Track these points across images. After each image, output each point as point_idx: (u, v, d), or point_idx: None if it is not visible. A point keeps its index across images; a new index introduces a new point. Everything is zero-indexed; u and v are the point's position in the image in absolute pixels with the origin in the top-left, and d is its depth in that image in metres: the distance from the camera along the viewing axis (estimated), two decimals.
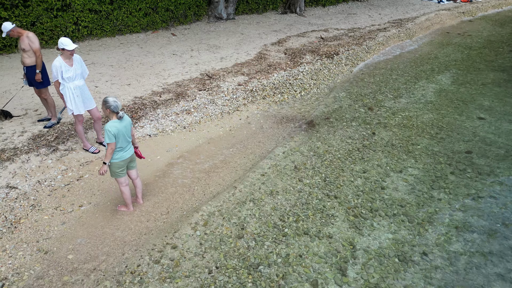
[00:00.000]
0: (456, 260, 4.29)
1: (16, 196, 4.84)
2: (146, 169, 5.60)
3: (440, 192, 5.43)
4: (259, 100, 8.11)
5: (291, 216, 4.88)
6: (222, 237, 4.49)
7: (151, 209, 4.85)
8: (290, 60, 10.56)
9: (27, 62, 5.92)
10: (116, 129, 4.12)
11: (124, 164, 4.40)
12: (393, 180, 5.66)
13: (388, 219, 4.88)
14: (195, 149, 6.22)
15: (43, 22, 10.00)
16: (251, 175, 5.68)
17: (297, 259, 4.22)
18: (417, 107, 8.23)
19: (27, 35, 5.77)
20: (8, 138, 5.98)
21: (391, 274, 4.08)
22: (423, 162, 6.11)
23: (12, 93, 7.49)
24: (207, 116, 7.25)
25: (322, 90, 9.05)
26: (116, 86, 8.18)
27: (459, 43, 13.75)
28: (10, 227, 4.40)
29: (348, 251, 4.36)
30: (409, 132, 7.09)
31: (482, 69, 10.90)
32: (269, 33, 13.51)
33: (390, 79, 9.99)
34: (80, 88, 5.40)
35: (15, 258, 4.03)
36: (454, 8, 19.86)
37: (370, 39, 13.05)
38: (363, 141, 6.76)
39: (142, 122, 6.75)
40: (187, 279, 3.92)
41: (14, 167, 5.31)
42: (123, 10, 11.68)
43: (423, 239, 4.57)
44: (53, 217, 4.61)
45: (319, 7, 18.73)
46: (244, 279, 3.95)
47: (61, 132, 6.24)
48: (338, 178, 5.67)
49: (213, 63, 10.00)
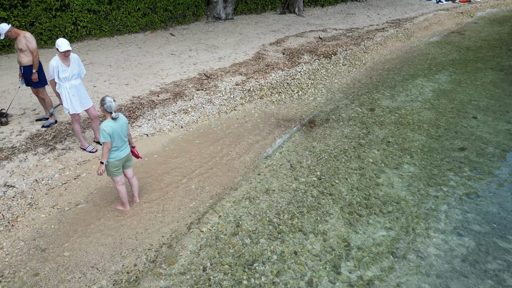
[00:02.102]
0: (451, 258, 4.32)
1: (13, 195, 4.87)
2: (142, 168, 5.64)
3: (436, 190, 5.46)
4: (257, 100, 8.14)
5: (286, 213, 4.91)
6: (218, 235, 4.52)
7: (147, 208, 4.88)
8: (288, 60, 10.60)
9: (24, 62, 5.96)
10: (111, 128, 4.15)
11: (119, 164, 4.43)
12: (389, 177, 5.69)
13: (383, 216, 4.91)
14: (192, 148, 6.25)
15: (41, 22, 10.04)
16: (247, 174, 5.71)
17: (292, 256, 4.25)
18: (414, 105, 8.26)
19: (24, 35, 5.81)
20: (6, 137, 6.01)
21: (385, 272, 4.11)
22: (420, 160, 6.15)
23: (10, 92, 7.52)
24: (205, 115, 7.28)
25: (320, 90, 9.08)
26: (114, 86, 8.21)
27: (457, 43, 13.78)
28: (8, 225, 4.43)
29: (343, 248, 4.39)
30: (405, 129, 7.12)
31: (480, 68, 10.93)
32: (267, 33, 13.55)
33: (387, 78, 10.02)
34: (76, 88, 5.43)
35: (12, 256, 4.06)
36: (453, 8, 19.90)
37: (368, 39, 13.08)
38: (359, 140, 6.79)
39: (139, 122, 6.79)
40: (183, 276, 3.95)
41: (11, 166, 5.34)
42: (121, 10, 11.72)
43: (418, 237, 4.60)
44: (50, 215, 4.64)
45: (318, 7, 18.76)
46: (239, 276, 3.99)
47: (58, 131, 6.28)
48: (333, 176, 5.70)
49: (211, 63, 10.03)
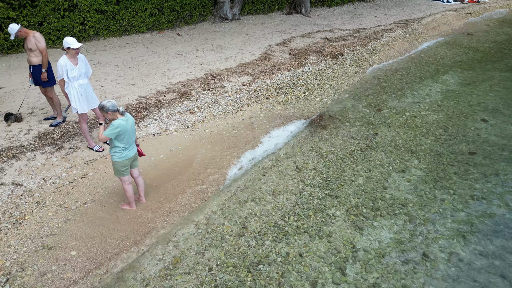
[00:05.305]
0: (457, 261, 4.28)
1: (21, 193, 4.92)
2: (148, 167, 5.66)
3: (443, 193, 5.41)
4: (263, 100, 8.13)
5: (291, 215, 4.90)
6: (223, 236, 4.52)
7: (153, 207, 4.90)
8: (294, 60, 10.58)
9: (34, 61, 6.02)
10: (123, 127, 4.16)
11: (128, 163, 4.45)
12: (395, 180, 5.65)
13: (390, 219, 4.88)
14: (198, 148, 6.27)
15: (50, 22, 10.13)
16: (253, 175, 5.71)
17: (297, 258, 4.24)
18: (422, 107, 8.20)
19: (34, 35, 5.87)
20: (15, 136, 6.08)
21: (391, 274, 4.08)
22: (427, 163, 6.09)
23: (19, 92, 7.60)
24: (211, 115, 7.29)
25: (326, 90, 9.05)
26: (121, 85, 8.26)
27: (465, 44, 13.65)
28: (15, 223, 4.48)
29: (348, 250, 4.37)
30: (413, 132, 7.07)
31: (488, 69, 10.82)
32: (274, 33, 13.53)
33: (394, 79, 9.96)
34: (84, 87, 5.48)
35: (20, 254, 4.10)
36: (461, 8, 19.71)
37: (375, 40, 13.01)
38: (366, 141, 6.76)
39: (146, 121, 6.82)
40: (188, 276, 3.96)
41: (20, 165, 5.40)
42: (129, 11, 11.78)
43: (425, 240, 4.56)
44: (57, 214, 4.68)
45: (325, 8, 18.70)
46: (244, 277, 3.99)
47: (66, 130, 6.33)
48: (339, 178, 5.68)
49: (218, 63, 10.05)
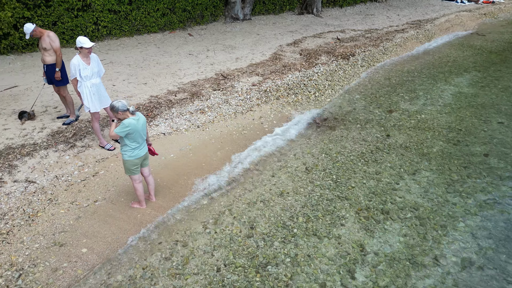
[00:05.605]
0: (469, 266, 4.21)
1: (34, 190, 5.00)
2: (158, 166, 5.70)
3: (455, 196, 5.33)
4: (273, 100, 8.12)
5: (300, 216, 4.88)
6: (232, 236, 4.53)
7: (163, 206, 4.93)
8: (305, 61, 10.54)
9: (48, 60, 6.11)
10: (134, 126, 4.18)
11: (139, 162, 4.49)
12: (407, 183, 5.58)
13: (400, 222, 4.82)
14: (208, 148, 6.29)
15: (64, 22, 10.28)
16: (262, 176, 5.71)
17: (305, 260, 4.22)
18: (434, 109, 8.08)
19: (48, 35, 5.96)
20: (28, 134, 6.18)
21: (401, 278, 4.03)
22: (438, 165, 6.01)
23: (33, 90, 7.73)
24: (221, 115, 7.31)
25: (337, 91, 8.99)
26: (132, 85, 8.34)
27: (480, 45, 13.42)
28: (28, 220, 4.55)
29: (358, 253, 4.33)
30: (424, 134, 6.98)
31: (502, 71, 10.61)
32: (285, 33, 13.51)
33: (406, 80, 9.84)
34: (96, 86, 5.55)
35: (32, 250, 4.17)
36: (476, 9, 19.40)
37: (387, 41, 12.89)
38: (376, 143, 6.69)
39: (157, 121, 6.87)
40: (196, 276, 3.97)
41: (33, 162, 5.49)
42: (141, 11, 11.89)
43: (436, 244, 4.50)
44: (69, 211, 4.74)
45: (336, 8, 18.59)
46: (252, 277, 3.98)
47: (78, 129, 6.41)
48: (349, 180, 5.63)
49: (228, 63, 10.07)
